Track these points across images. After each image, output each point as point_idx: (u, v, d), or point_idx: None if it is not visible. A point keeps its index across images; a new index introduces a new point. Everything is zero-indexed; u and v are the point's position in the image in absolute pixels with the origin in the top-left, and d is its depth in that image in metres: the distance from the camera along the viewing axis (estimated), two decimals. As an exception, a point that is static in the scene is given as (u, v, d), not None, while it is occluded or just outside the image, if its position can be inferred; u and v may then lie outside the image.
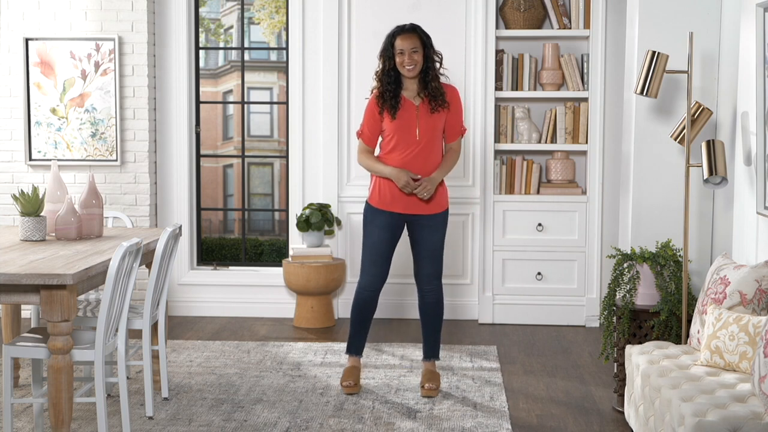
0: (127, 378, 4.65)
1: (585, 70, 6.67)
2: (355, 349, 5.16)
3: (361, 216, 6.77)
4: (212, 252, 7.52)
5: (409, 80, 4.96)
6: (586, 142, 6.70)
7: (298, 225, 6.65)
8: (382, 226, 5.01)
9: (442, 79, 5.02)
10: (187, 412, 4.69)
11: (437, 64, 4.98)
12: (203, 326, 6.66)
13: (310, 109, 6.89)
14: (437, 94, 4.93)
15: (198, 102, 7.07)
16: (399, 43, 4.89)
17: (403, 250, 5.51)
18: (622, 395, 4.69)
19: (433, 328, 5.17)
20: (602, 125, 6.66)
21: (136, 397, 4.89)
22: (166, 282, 4.81)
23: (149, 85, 6.81)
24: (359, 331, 5.15)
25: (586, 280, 6.75)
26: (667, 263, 4.66)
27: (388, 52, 4.94)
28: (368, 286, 5.06)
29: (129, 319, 4.49)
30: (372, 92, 5.03)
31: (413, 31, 4.93)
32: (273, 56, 7.69)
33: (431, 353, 5.18)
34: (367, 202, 5.08)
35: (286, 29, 7.00)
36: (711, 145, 4.48)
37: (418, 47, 4.89)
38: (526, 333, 6.53)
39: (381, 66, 4.97)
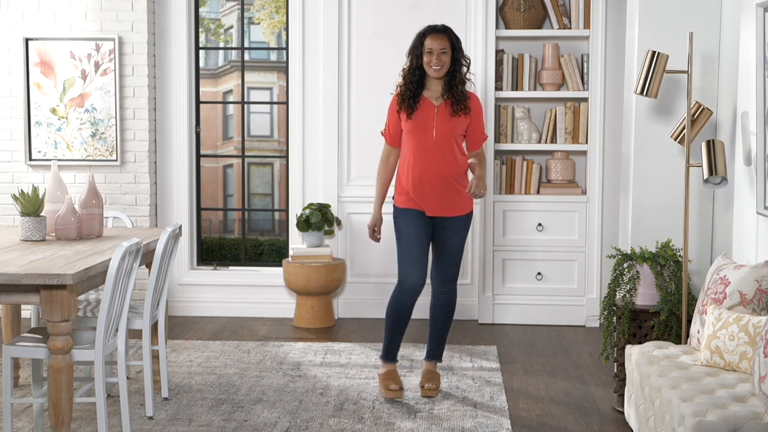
0: (127, 378, 4.65)
1: (585, 70, 6.67)
2: (392, 355, 5.05)
3: (362, 216, 6.82)
4: (212, 252, 7.52)
5: (434, 81, 4.91)
6: (586, 142, 6.70)
7: (298, 225, 6.65)
8: (413, 217, 4.92)
9: (467, 86, 4.97)
10: (187, 412, 4.69)
11: (464, 69, 4.91)
12: (203, 326, 6.66)
13: (310, 109, 6.89)
14: (462, 99, 4.86)
15: (198, 102, 7.07)
16: (429, 43, 4.84)
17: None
18: (622, 395, 4.69)
19: (440, 330, 5.11)
20: (602, 125, 6.66)
21: (136, 397, 4.89)
22: (166, 282, 4.81)
23: (149, 85, 6.81)
24: (397, 337, 5.03)
25: (586, 280, 6.75)
26: (667, 263, 4.66)
27: (416, 51, 4.88)
28: (409, 289, 4.90)
29: (129, 319, 4.49)
30: (397, 89, 4.99)
31: (444, 32, 4.88)
32: (273, 56, 7.69)
33: (434, 354, 5.15)
34: (393, 205, 5.00)
35: (286, 29, 7.00)
36: (711, 145, 4.48)
37: (447, 49, 4.84)
38: (526, 333, 6.53)
39: (408, 64, 4.93)
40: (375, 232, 5.08)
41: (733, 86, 4.79)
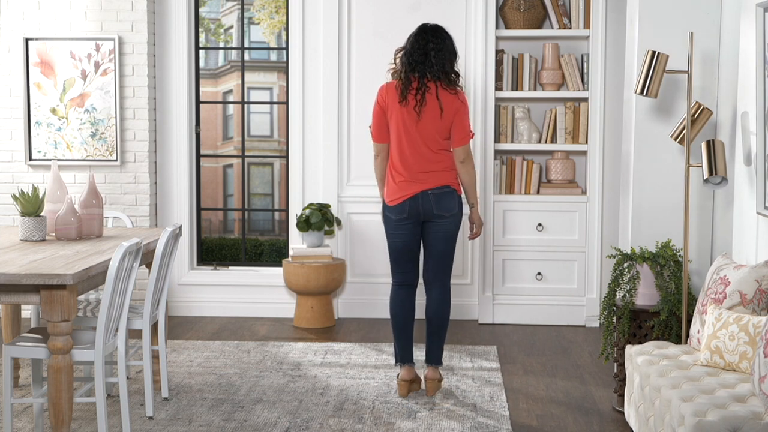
0: (127, 378, 4.65)
1: (585, 70, 6.67)
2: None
3: (362, 216, 6.82)
4: (212, 252, 7.52)
5: None
6: (586, 142, 6.70)
7: (298, 225, 6.65)
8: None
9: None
10: (187, 412, 4.69)
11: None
12: (203, 326, 6.66)
13: (310, 109, 6.89)
14: None
15: (198, 102, 7.07)
16: None
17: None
18: (622, 395, 4.69)
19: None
20: (602, 125, 6.67)
21: (136, 397, 4.89)
22: (166, 282, 4.81)
23: (149, 85, 6.81)
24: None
25: (586, 280, 6.75)
26: (667, 263, 4.66)
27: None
28: None
29: (129, 319, 4.49)
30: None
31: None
32: (273, 56, 7.69)
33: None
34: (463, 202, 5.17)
35: (286, 29, 7.00)
36: (711, 145, 4.48)
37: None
38: (526, 333, 6.53)
39: None
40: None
41: (733, 86, 4.79)
